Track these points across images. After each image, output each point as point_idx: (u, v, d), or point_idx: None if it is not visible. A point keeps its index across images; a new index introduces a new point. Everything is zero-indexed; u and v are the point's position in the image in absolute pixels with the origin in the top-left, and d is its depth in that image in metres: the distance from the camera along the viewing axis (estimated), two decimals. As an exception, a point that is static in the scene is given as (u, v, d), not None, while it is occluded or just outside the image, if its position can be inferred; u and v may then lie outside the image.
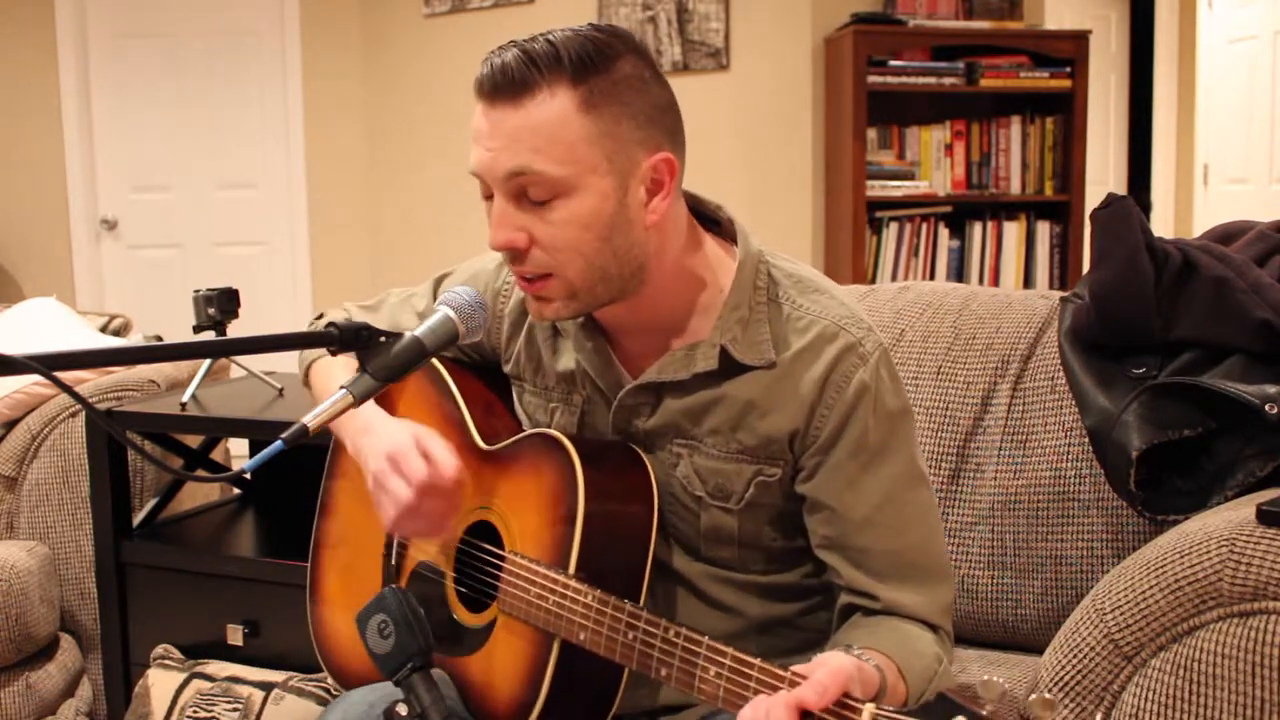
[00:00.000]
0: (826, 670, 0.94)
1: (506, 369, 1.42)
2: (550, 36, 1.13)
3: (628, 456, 1.28)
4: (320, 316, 1.59)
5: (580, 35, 1.14)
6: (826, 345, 1.22)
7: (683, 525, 1.29)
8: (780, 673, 0.99)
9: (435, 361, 1.42)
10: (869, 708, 0.91)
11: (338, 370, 1.48)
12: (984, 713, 0.83)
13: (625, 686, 1.22)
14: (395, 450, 1.23)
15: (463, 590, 1.32)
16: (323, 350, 1.53)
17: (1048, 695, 0.82)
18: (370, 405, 1.35)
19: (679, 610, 1.31)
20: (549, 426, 1.34)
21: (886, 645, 1.14)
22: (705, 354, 1.23)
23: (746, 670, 1.02)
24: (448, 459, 1.22)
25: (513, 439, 1.31)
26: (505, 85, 1.12)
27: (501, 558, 1.26)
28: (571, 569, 1.19)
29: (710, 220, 1.31)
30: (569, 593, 1.18)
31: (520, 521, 1.26)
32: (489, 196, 1.17)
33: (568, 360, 1.32)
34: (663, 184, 1.17)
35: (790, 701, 0.93)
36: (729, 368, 1.23)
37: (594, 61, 1.12)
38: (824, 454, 1.22)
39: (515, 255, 1.17)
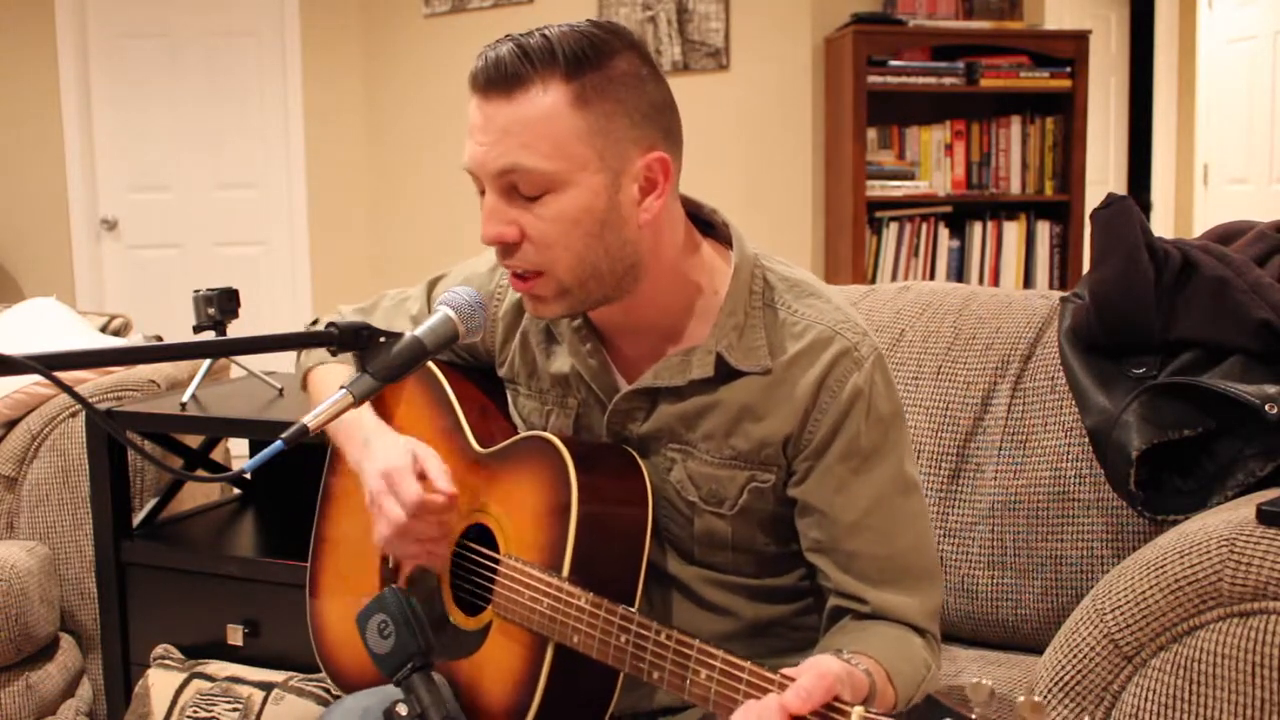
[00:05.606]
0: (813, 674, 0.94)
1: (501, 372, 1.42)
2: (547, 31, 1.13)
3: (623, 460, 1.27)
4: (315, 322, 1.58)
5: (578, 31, 1.13)
6: (822, 350, 1.22)
7: (677, 529, 1.29)
8: (770, 675, 0.99)
9: (431, 365, 1.42)
10: (858, 710, 0.91)
11: (335, 376, 1.47)
12: (972, 716, 0.83)
13: (621, 689, 1.22)
14: (391, 470, 1.25)
15: (459, 594, 1.32)
16: (321, 355, 1.53)
17: (1037, 699, 0.82)
18: (370, 417, 1.37)
19: (674, 613, 1.30)
20: (544, 430, 1.33)
21: (876, 650, 1.14)
22: (701, 360, 1.22)
23: (737, 673, 1.02)
24: (444, 480, 1.24)
25: (507, 442, 1.31)
26: (498, 79, 1.12)
27: (497, 561, 1.26)
28: (565, 572, 1.19)
29: (705, 224, 1.30)
30: (563, 595, 1.17)
31: (515, 525, 1.26)
32: (483, 191, 1.17)
33: (562, 363, 1.32)
34: (656, 183, 1.17)
35: (776, 705, 0.93)
36: (724, 373, 1.23)
37: (589, 57, 1.12)
38: (816, 458, 1.22)
39: (506, 250, 1.17)
